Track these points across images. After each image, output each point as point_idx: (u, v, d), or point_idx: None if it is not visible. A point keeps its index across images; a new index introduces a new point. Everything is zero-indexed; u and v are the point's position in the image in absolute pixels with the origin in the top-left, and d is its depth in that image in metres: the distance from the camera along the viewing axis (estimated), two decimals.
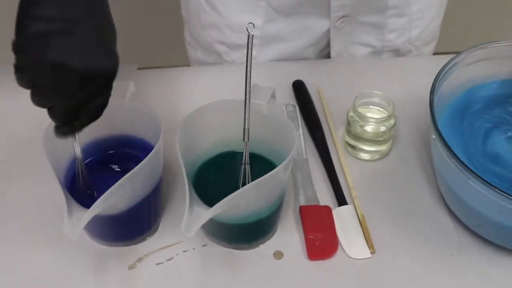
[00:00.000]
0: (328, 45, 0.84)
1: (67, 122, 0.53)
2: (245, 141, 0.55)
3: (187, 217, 0.51)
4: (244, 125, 0.55)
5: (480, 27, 1.79)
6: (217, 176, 0.64)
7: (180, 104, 0.71)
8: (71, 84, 0.49)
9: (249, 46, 0.52)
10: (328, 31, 0.82)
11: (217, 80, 0.78)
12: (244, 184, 0.56)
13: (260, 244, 0.62)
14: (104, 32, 0.51)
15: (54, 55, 0.48)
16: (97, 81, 0.50)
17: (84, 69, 0.48)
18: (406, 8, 0.82)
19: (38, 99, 0.51)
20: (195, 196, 0.52)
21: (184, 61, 0.97)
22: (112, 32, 0.52)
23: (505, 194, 0.53)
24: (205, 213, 0.50)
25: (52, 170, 0.55)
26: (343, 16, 0.80)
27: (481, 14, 1.86)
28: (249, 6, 0.80)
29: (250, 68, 0.53)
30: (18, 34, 0.49)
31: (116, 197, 0.55)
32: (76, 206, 0.53)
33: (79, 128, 0.54)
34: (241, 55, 0.86)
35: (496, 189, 0.53)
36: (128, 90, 0.60)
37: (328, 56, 0.86)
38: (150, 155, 0.55)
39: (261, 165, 0.62)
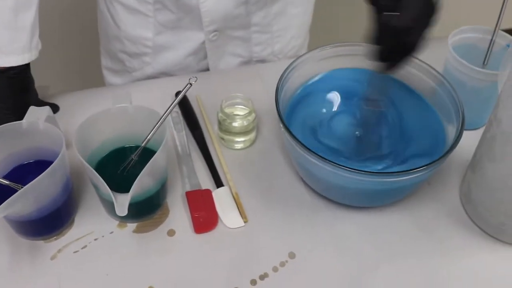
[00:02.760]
0: (205, 57, 0.96)
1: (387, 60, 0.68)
2: (143, 145, 0.66)
3: (116, 205, 0.60)
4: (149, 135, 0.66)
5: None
6: (112, 168, 0.70)
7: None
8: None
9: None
10: (204, 43, 0.94)
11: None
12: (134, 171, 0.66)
13: (156, 216, 0.72)
14: None
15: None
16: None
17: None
18: (267, 26, 0.95)
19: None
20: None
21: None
22: None
23: (334, 164, 0.62)
24: (126, 197, 0.61)
25: None
26: (215, 31, 0.91)
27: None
28: (142, 22, 0.92)
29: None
30: (378, 38, 0.65)
31: (21, 204, 0.60)
32: None
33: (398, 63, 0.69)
34: (139, 61, 0.97)
35: (326, 160, 0.62)
36: (44, 114, 0.68)
37: (206, 66, 0.97)
38: (46, 171, 0.60)
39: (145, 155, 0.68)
